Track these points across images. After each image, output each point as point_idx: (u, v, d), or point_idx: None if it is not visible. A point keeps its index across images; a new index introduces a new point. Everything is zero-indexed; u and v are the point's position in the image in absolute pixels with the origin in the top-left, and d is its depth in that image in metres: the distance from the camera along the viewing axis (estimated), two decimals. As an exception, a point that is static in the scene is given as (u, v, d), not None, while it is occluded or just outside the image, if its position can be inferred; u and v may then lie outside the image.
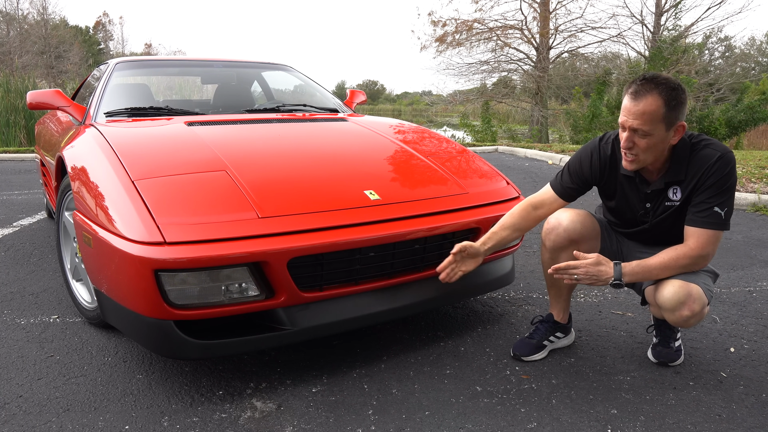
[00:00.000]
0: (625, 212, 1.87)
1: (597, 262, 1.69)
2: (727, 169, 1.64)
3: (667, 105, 1.57)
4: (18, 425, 1.55)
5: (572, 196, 1.87)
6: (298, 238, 1.66)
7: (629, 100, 1.61)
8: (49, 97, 2.78)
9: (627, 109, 1.62)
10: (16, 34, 28.01)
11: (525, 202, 1.92)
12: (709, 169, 1.65)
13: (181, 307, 1.59)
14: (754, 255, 3.29)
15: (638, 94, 1.59)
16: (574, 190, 1.87)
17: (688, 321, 1.69)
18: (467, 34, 17.30)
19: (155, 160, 1.93)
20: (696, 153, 1.68)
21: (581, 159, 1.85)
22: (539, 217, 1.90)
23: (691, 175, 1.68)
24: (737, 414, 1.64)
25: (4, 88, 9.23)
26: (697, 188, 1.67)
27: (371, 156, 2.30)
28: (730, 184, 1.65)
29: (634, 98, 1.60)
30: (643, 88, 1.58)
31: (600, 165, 1.82)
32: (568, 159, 1.88)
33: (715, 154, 1.65)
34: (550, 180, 1.93)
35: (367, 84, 71.83)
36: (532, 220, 1.89)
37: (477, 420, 1.60)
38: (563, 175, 1.89)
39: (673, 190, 1.72)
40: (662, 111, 1.57)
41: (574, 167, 1.86)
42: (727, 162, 1.65)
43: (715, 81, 16.68)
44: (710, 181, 1.64)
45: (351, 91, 3.72)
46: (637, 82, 1.62)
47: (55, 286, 2.65)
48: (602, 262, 1.69)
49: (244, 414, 1.63)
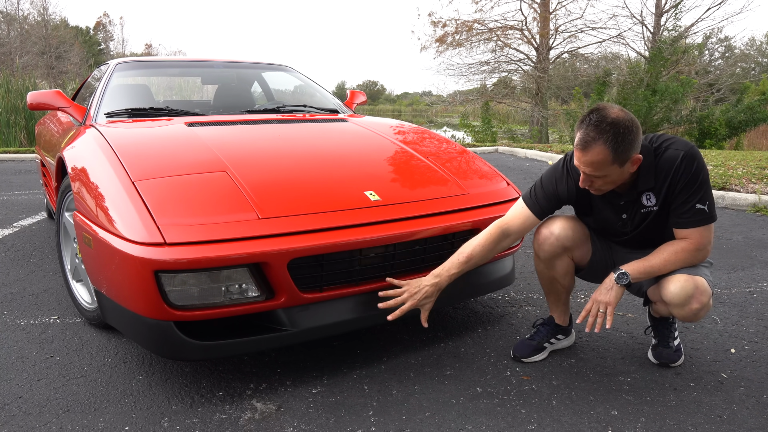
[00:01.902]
0: (605, 226, 1.87)
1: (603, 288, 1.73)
2: (694, 165, 1.63)
3: (615, 151, 1.54)
4: (18, 426, 1.55)
5: (546, 214, 1.86)
6: (298, 239, 1.66)
7: (577, 149, 1.60)
8: (49, 97, 2.78)
9: (577, 158, 1.61)
10: (17, 35, 28.03)
11: (495, 227, 1.85)
12: (677, 170, 1.64)
13: (181, 308, 1.59)
14: (754, 256, 3.29)
15: (585, 144, 1.57)
16: (548, 210, 1.84)
17: (698, 314, 1.69)
18: (467, 35, 17.32)
19: (155, 161, 1.93)
20: (660, 157, 1.67)
21: (552, 184, 1.83)
22: (508, 245, 1.87)
23: (661, 179, 1.67)
24: (738, 415, 1.64)
25: (4, 88, 9.23)
26: (671, 191, 1.67)
27: (371, 157, 2.30)
28: (702, 179, 1.64)
29: (581, 148, 1.58)
30: (588, 138, 1.56)
31: (568, 189, 1.80)
32: (540, 176, 1.87)
33: (678, 154, 1.64)
34: (522, 196, 1.89)
35: (367, 84, 71.84)
36: (500, 249, 1.86)
37: (477, 421, 1.60)
38: (537, 193, 1.84)
39: (646, 196, 1.71)
40: (610, 158, 1.55)
41: (548, 185, 1.83)
42: (692, 158, 1.64)
43: (715, 81, 16.68)
44: (682, 182, 1.64)
45: (351, 91, 3.72)
46: (584, 127, 1.57)
47: (56, 287, 2.65)
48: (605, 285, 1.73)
49: (244, 415, 1.63)
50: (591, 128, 1.56)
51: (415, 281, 1.81)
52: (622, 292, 1.72)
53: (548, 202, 1.83)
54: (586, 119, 1.58)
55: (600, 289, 1.74)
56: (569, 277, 1.95)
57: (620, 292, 1.71)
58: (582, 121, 1.60)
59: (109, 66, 3.16)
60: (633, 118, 1.58)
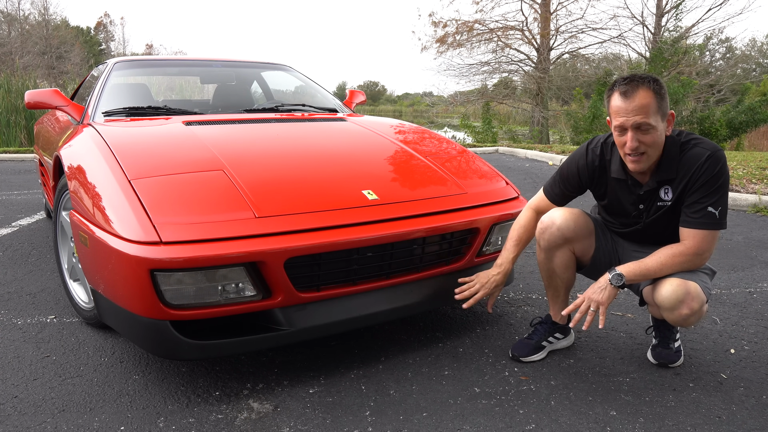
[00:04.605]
0: (618, 213, 1.88)
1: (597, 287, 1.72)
2: (718, 167, 1.64)
3: (658, 95, 1.61)
4: (13, 426, 1.54)
5: (565, 201, 1.94)
6: (295, 238, 1.65)
7: (622, 101, 1.63)
8: (47, 96, 2.77)
9: (623, 109, 1.62)
10: (17, 35, 28.04)
11: (529, 210, 1.98)
12: (699, 168, 1.65)
13: (178, 307, 1.58)
14: (754, 256, 3.28)
15: (629, 92, 1.62)
16: (567, 196, 1.93)
17: (688, 319, 1.68)
18: (468, 35, 17.32)
19: (152, 160, 1.92)
20: (686, 152, 1.68)
21: (572, 165, 1.88)
22: None
23: (682, 174, 1.68)
24: (737, 416, 1.63)
25: (5, 88, 9.23)
26: (688, 188, 1.67)
27: (370, 156, 2.29)
28: (721, 183, 1.64)
29: (626, 97, 1.62)
30: (631, 87, 1.62)
31: (589, 170, 1.85)
32: (560, 165, 1.91)
33: (704, 153, 1.65)
34: (543, 185, 1.98)
35: (368, 85, 71.84)
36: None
37: (475, 421, 1.59)
38: (555, 182, 1.94)
39: (664, 189, 1.73)
40: (655, 101, 1.61)
41: (566, 174, 1.90)
42: (717, 160, 1.64)
43: (716, 82, 16.66)
44: (701, 180, 1.64)
45: (350, 91, 3.71)
46: (620, 83, 1.65)
47: (53, 286, 2.64)
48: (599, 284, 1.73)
49: (241, 415, 1.62)
50: (630, 79, 1.63)
51: (484, 273, 1.97)
52: (616, 293, 1.70)
53: (566, 187, 1.90)
54: (619, 80, 1.66)
55: (593, 287, 1.73)
56: (569, 271, 1.94)
57: (613, 293, 1.70)
58: (614, 84, 1.67)
59: (108, 65, 3.16)
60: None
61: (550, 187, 1.95)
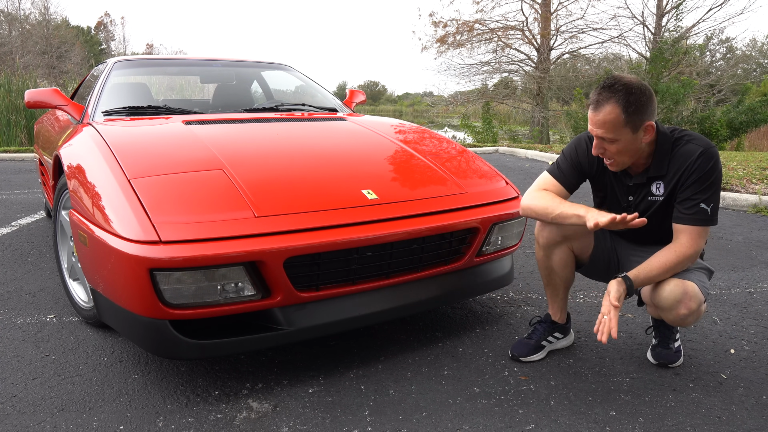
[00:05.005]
0: (611, 206, 1.88)
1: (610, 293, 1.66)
2: (710, 164, 1.64)
3: (626, 111, 1.58)
4: (12, 425, 1.54)
5: (571, 183, 1.85)
6: (294, 238, 1.65)
7: (590, 110, 1.64)
8: (47, 95, 2.77)
9: (591, 119, 1.65)
10: (18, 34, 28.03)
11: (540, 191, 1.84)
12: (691, 165, 1.65)
13: (177, 306, 1.58)
14: (754, 256, 3.28)
15: (597, 103, 1.62)
16: (572, 176, 1.85)
17: (686, 319, 1.68)
18: (468, 35, 17.31)
19: (152, 159, 1.92)
20: (678, 148, 1.69)
21: (575, 146, 1.87)
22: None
23: (674, 170, 1.68)
24: (737, 416, 1.63)
25: (5, 88, 9.24)
26: (680, 184, 1.68)
27: (369, 155, 2.29)
28: (714, 179, 1.65)
29: (594, 108, 1.63)
30: (601, 98, 1.61)
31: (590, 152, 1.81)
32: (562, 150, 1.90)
33: (697, 150, 1.65)
34: (546, 170, 1.92)
35: (369, 85, 71.85)
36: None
37: (474, 421, 1.59)
38: (560, 162, 1.89)
39: (656, 184, 1.73)
40: (622, 118, 1.59)
41: (570, 153, 1.86)
42: (709, 157, 1.64)
43: (717, 82, 16.65)
44: (693, 177, 1.65)
45: (350, 90, 3.71)
46: (597, 90, 1.64)
47: (53, 286, 2.64)
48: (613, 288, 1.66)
49: (240, 414, 1.62)
50: (604, 89, 1.61)
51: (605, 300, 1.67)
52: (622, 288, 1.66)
53: (570, 168, 1.86)
54: (601, 83, 1.63)
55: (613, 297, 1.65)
56: (568, 269, 1.94)
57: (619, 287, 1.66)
58: (596, 88, 1.65)
59: (107, 64, 3.16)
60: (647, 85, 1.62)
61: (555, 168, 1.87)
